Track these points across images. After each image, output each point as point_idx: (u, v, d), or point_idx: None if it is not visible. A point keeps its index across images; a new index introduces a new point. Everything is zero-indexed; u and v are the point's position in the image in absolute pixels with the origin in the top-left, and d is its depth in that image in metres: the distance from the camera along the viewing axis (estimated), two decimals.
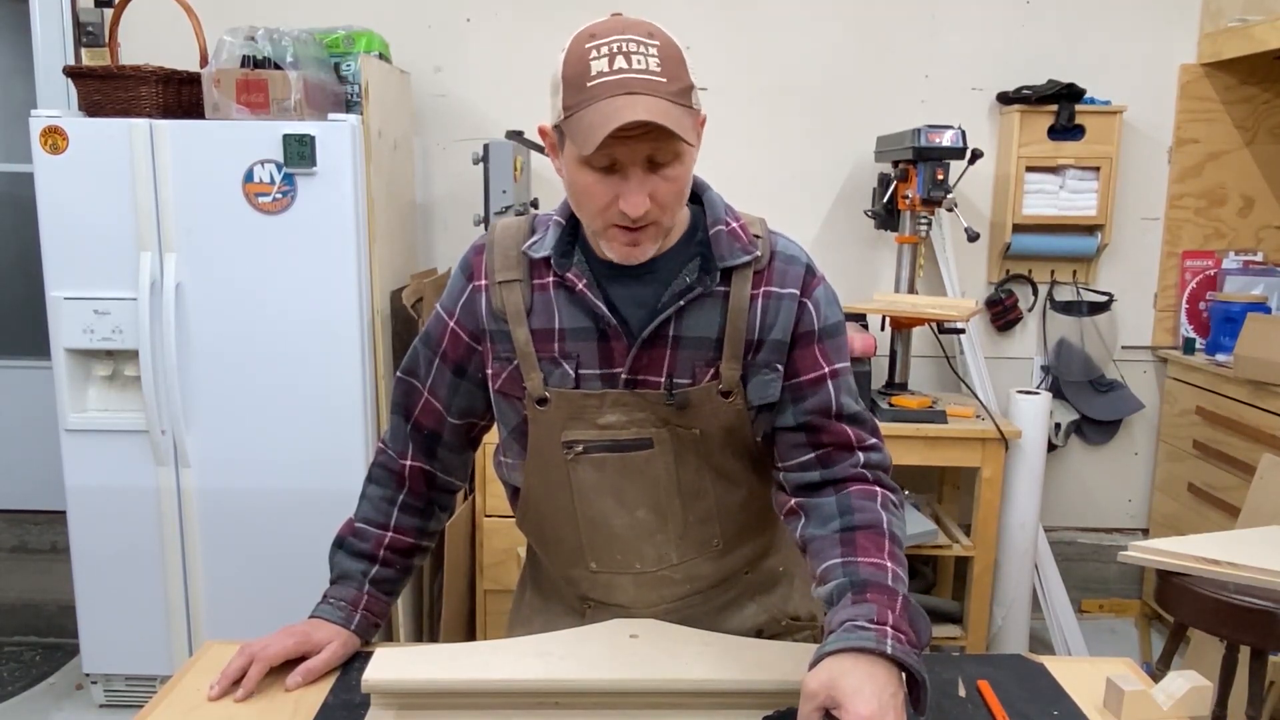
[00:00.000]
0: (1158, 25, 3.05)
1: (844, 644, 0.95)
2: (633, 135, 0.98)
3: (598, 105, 0.98)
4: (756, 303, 1.15)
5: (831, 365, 1.18)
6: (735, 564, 1.27)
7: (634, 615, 1.23)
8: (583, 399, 1.15)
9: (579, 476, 1.18)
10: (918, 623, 1.01)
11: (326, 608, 1.22)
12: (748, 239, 1.15)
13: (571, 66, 1.01)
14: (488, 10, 3.04)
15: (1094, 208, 3.00)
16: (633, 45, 1.00)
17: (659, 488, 1.18)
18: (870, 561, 1.06)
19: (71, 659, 2.87)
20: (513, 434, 1.22)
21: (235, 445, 2.45)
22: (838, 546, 1.09)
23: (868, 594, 1.02)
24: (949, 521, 2.89)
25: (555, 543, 1.25)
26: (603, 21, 1.04)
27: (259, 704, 1.10)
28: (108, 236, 2.36)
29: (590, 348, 1.14)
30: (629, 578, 1.22)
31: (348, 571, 1.25)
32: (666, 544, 1.21)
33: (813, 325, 1.17)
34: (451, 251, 3.12)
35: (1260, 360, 2.62)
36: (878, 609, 0.99)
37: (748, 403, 1.16)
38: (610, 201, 1.04)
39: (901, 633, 0.97)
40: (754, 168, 3.09)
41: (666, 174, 1.03)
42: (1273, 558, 1.69)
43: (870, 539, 1.09)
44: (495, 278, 1.18)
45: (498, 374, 1.19)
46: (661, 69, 1.00)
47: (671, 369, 1.14)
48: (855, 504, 1.13)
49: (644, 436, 1.16)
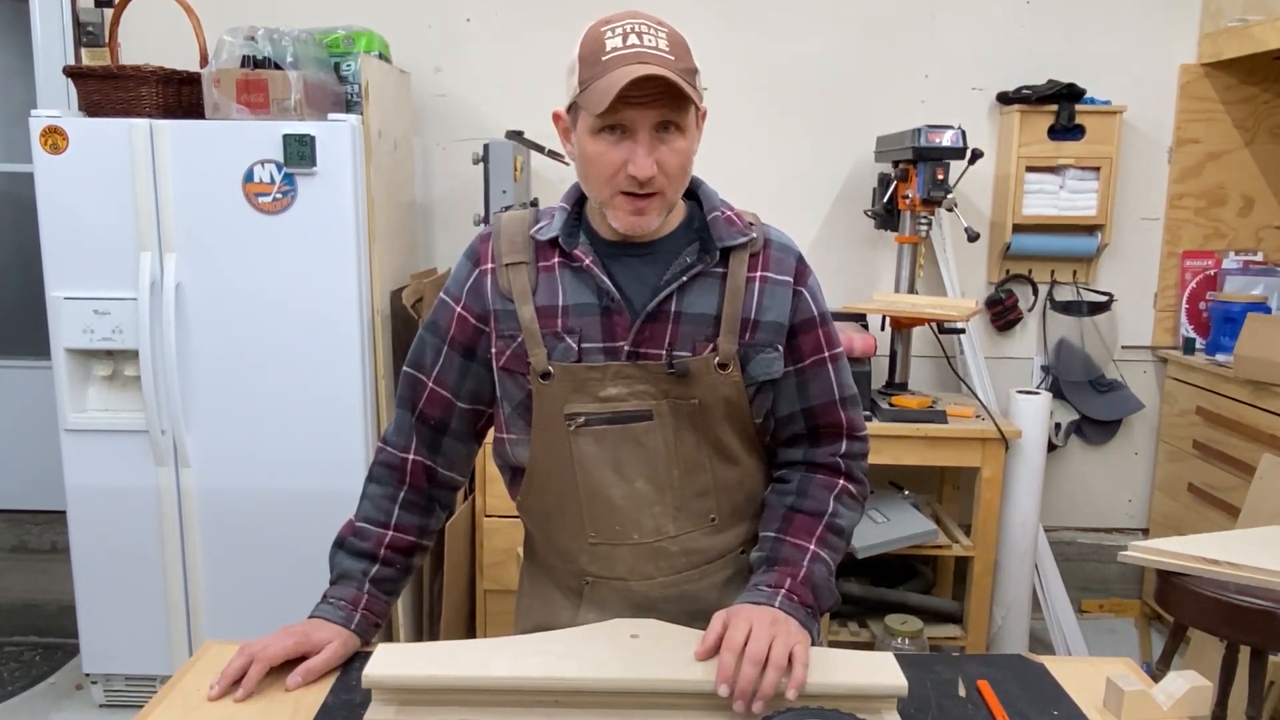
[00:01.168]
0: (1158, 25, 3.05)
1: (741, 600, 1.15)
2: (643, 100, 1.06)
3: (612, 73, 1.06)
4: (753, 285, 1.23)
5: (832, 349, 1.28)
6: (731, 541, 1.30)
7: (632, 590, 1.26)
8: (585, 372, 1.20)
9: (580, 448, 1.22)
10: (820, 590, 1.19)
11: (327, 608, 1.23)
12: (743, 224, 1.24)
13: (587, 47, 1.10)
14: (488, 10, 3.04)
15: (1094, 208, 3.00)
16: (644, 27, 1.10)
17: (657, 459, 1.22)
18: (794, 542, 1.22)
19: (71, 659, 2.87)
20: (516, 410, 1.25)
21: (235, 445, 2.45)
22: (777, 521, 1.25)
23: (776, 567, 1.20)
24: (949, 521, 2.89)
25: (557, 516, 1.28)
26: (616, 12, 1.14)
27: (259, 704, 1.10)
28: (108, 236, 2.36)
29: (593, 322, 1.20)
30: (627, 548, 1.25)
31: (348, 571, 1.26)
32: (664, 515, 1.24)
33: (811, 312, 1.26)
34: (451, 251, 3.12)
35: (1260, 360, 2.62)
36: (777, 576, 1.18)
37: (749, 378, 1.23)
38: (619, 167, 1.11)
39: (794, 594, 1.15)
40: (754, 168, 3.09)
41: (673, 144, 1.11)
42: (1273, 558, 1.69)
43: (806, 524, 1.24)
44: (502, 260, 1.23)
45: (502, 351, 1.23)
46: (670, 49, 1.09)
47: (672, 342, 1.20)
48: (811, 490, 1.27)
49: (644, 409, 1.21)
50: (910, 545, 2.66)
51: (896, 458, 2.63)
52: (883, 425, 2.62)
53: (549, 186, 3.07)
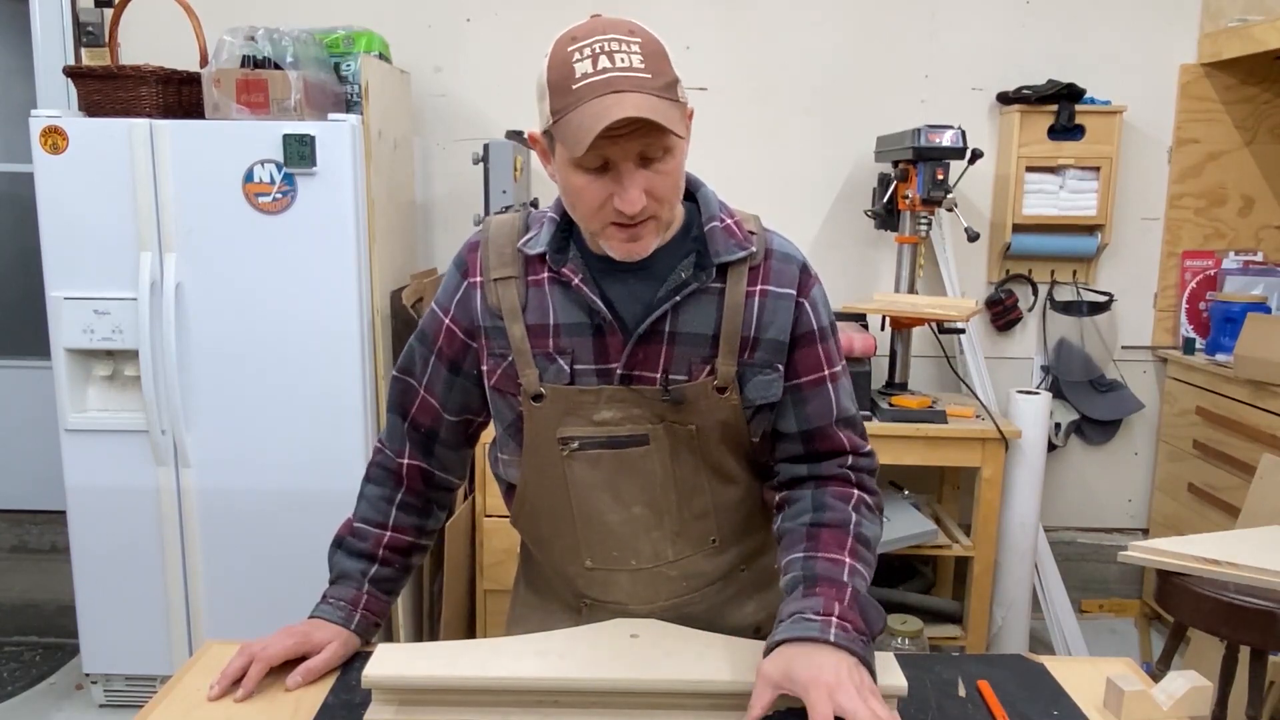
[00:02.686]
0: (1158, 25, 3.05)
1: (789, 634, 1.01)
2: (622, 134, 0.98)
3: (585, 106, 0.97)
4: (753, 300, 1.15)
5: (832, 368, 1.20)
6: (732, 561, 1.27)
7: (631, 613, 1.23)
8: (578, 395, 1.15)
9: (574, 473, 1.18)
10: (868, 612, 1.06)
11: (326, 608, 1.22)
12: (742, 235, 1.16)
13: (555, 71, 1.01)
14: (488, 10, 3.04)
15: (1094, 208, 3.00)
16: (614, 44, 1.00)
17: (655, 484, 1.18)
18: (828, 557, 1.11)
19: (71, 659, 2.87)
20: (508, 430, 1.22)
21: (235, 445, 2.45)
22: (802, 541, 1.14)
23: (817, 588, 1.07)
24: (949, 521, 2.89)
25: (551, 539, 1.25)
26: (582, 24, 1.04)
27: (259, 704, 1.10)
28: (108, 236, 2.36)
29: (585, 343, 1.14)
30: (625, 574, 1.22)
31: (347, 571, 1.25)
32: (663, 540, 1.21)
33: (812, 326, 1.18)
34: (451, 251, 3.07)
35: (1260, 360, 2.62)
36: (824, 601, 1.04)
37: (746, 401, 1.16)
38: (605, 201, 1.04)
39: (848, 621, 1.02)
40: (754, 168, 3.09)
41: (659, 169, 1.03)
42: (1273, 558, 1.69)
43: (834, 537, 1.13)
44: (490, 274, 1.18)
45: (493, 370, 1.19)
46: (645, 65, 1.00)
47: (668, 365, 1.14)
48: (828, 502, 1.17)
49: (640, 433, 1.16)
50: (910, 545, 2.66)
51: (896, 458, 2.63)
52: (883, 425, 2.62)
53: (549, 187, 3.04)
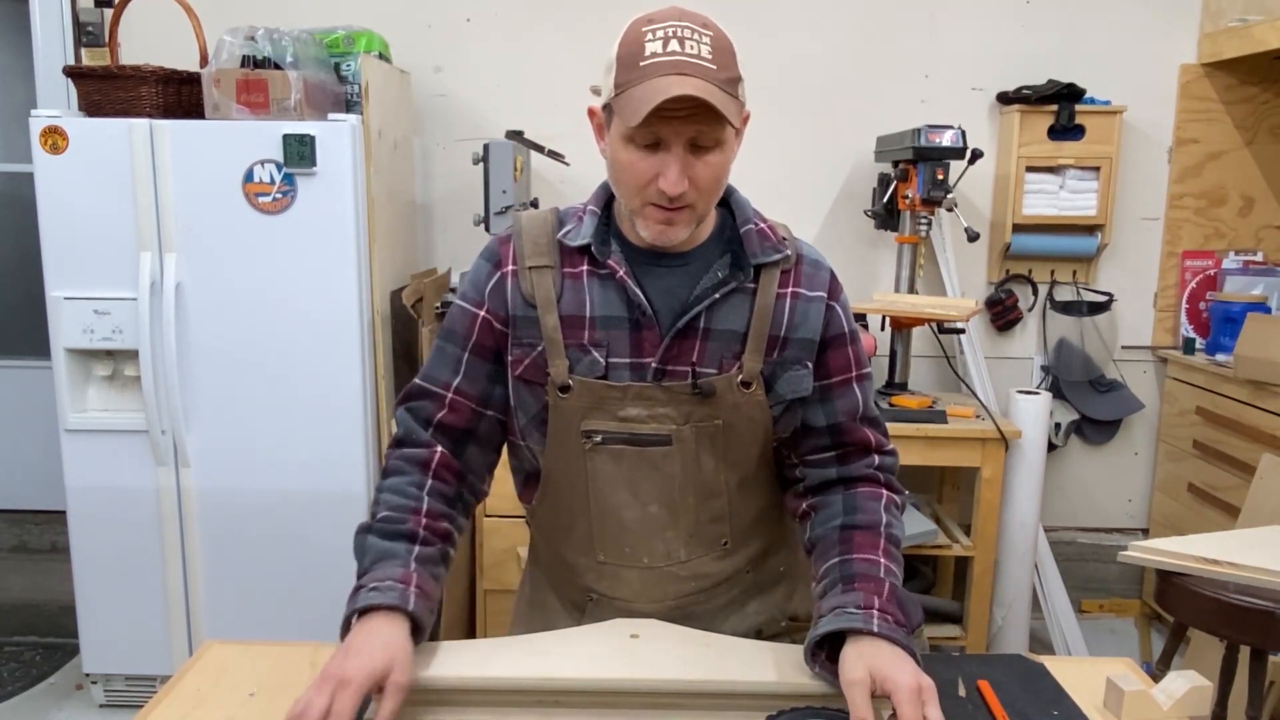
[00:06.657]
0: (1158, 25, 3.05)
1: (833, 626, 1.03)
2: (678, 115, 1.00)
3: (649, 82, 1.00)
4: (784, 302, 1.18)
5: (860, 369, 1.23)
6: (740, 563, 1.27)
7: (637, 611, 1.23)
8: (605, 389, 1.15)
9: (595, 466, 1.18)
10: (906, 606, 1.08)
11: (373, 594, 1.04)
12: (776, 239, 1.19)
13: (626, 47, 1.04)
14: (488, 10, 3.04)
15: (1094, 208, 3.00)
16: (687, 31, 1.03)
17: (674, 485, 1.19)
18: (864, 558, 1.13)
19: (71, 659, 2.87)
20: (532, 421, 1.20)
21: (235, 445, 2.45)
22: (836, 545, 1.16)
23: (856, 584, 1.09)
24: (949, 521, 2.89)
25: (566, 529, 1.25)
26: (661, 9, 1.07)
27: (259, 703, 1.10)
28: (107, 236, 2.36)
29: (622, 336, 1.15)
30: (635, 571, 1.23)
31: (389, 551, 1.11)
32: (676, 540, 1.21)
33: (843, 329, 1.22)
34: (451, 251, 3.12)
35: (1260, 360, 2.62)
36: (864, 595, 1.06)
37: (777, 396, 1.18)
38: (650, 179, 1.06)
39: (888, 614, 1.04)
40: (754, 167, 3.06)
41: (707, 159, 1.05)
42: (1273, 558, 1.69)
43: (867, 538, 1.16)
44: (525, 263, 1.17)
45: (519, 360, 1.18)
46: (713, 57, 1.02)
47: (699, 360, 1.16)
48: (860, 504, 1.19)
49: (663, 433, 1.16)
50: (910, 545, 2.66)
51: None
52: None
53: (549, 187, 3.07)
